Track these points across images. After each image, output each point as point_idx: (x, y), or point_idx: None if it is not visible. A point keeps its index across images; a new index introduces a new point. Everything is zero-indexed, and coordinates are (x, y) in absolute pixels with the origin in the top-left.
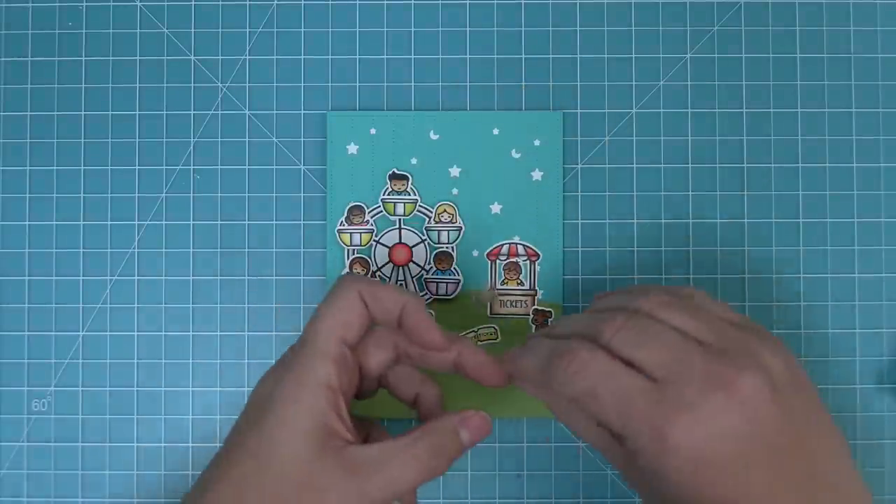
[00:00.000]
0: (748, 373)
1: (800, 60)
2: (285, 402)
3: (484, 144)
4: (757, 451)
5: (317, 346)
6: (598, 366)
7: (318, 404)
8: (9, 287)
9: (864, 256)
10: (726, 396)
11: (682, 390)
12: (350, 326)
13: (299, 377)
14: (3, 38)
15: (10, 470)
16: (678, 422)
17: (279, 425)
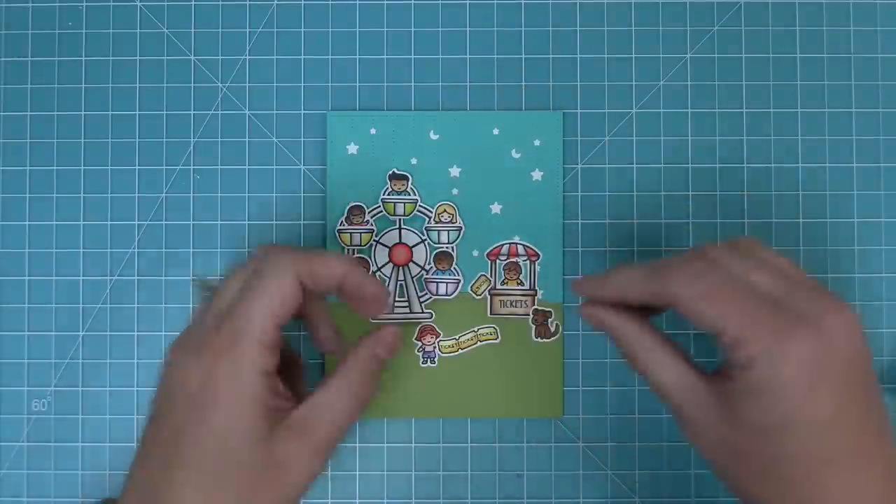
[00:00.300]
0: (851, 311)
1: (800, 60)
2: (227, 397)
3: (484, 144)
4: (856, 383)
5: (253, 335)
6: (719, 271)
7: (259, 392)
8: (9, 287)
9: (864, 256)
10: (843, 321)
11: (800, 307)
12: (285, 307)
13: (237, 370)
14: (3, 38)
15: (10, 470)
16: (800, 331)
17: (227, 419)
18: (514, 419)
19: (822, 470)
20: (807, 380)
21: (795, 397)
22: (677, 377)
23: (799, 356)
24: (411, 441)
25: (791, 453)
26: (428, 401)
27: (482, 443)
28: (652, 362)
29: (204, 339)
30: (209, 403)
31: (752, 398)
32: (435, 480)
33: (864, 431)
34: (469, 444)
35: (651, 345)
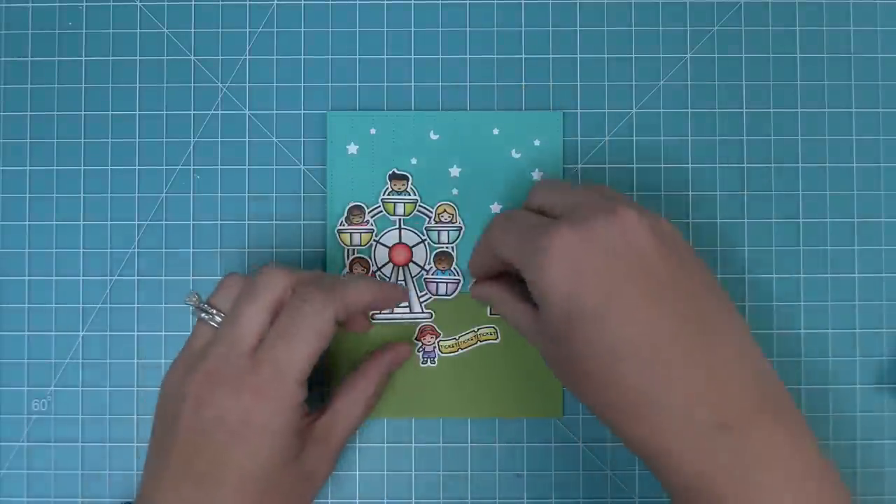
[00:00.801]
0: (632, 209)
1: (800, 60)
2: (268, 429)
3: (484, 144)
4: (634, 271)
5: (294, 377)
6: (515, 214)
7: (295, 420)
8: (9, 287)
9: (864, 256)
10: (607, 218)
11: (571, 216)
12: (323, 348)
13: (278, 408)
14: (3, 38)
15: (10, 470)
16: (558, 232)
17: (268, 448)
18: (514, 419)
19: (609, 360)
20: (565, 277)
21: (562, 297)
22: (525, 320)
23: (553, 258)
24: (411, 441)
25: (583, 350)
26: (428, 401)
27: (482, 443)
28: (509, 314)
29: (242, 378)
30: (251, 436)
31: (541, 311)
32: (435, 480)
33: (656, 323)
34: (469, 444)
35: (505, 297)
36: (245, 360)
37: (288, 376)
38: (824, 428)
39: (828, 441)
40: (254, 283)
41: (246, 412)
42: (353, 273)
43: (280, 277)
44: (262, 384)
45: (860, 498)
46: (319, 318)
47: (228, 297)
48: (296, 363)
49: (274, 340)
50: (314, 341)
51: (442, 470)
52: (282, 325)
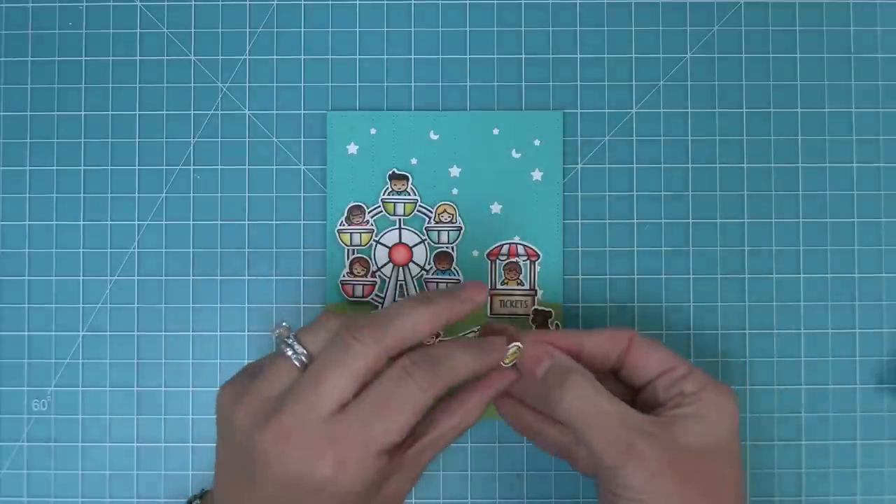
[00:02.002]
0: None
1: (800, 60)
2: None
3: (484, 144)
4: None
5: (382, 449)
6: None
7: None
8: (9, 287)
9: (864, 256)
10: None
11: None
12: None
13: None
14: (3, 38)
15: (10, 470)
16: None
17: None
18: None
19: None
20: (735, 414)
21: (732, 427)
22: (621, 408)
23: (730, 394)
24: None
25: (727, 476)
26: None
27: (482, 443)
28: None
29: (321, 445)
30: (333, 500)
31: (702, 422)
32: (435, 480)
33: None
34: (469, 444)
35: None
36: (325, 426)
37: (376, 449)
38: (824, 428)
39: (828, 441)
40: (346, 348)
41: (323, 481)
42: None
43: (375, 345)
44: (345, 456)
45: (860, 498)
46: (423, 395)
47: (319, 339)
48: (390, 436)
49: (369, 412)
50: (412, 417)
51: (442, 470)
52: (381, 395)
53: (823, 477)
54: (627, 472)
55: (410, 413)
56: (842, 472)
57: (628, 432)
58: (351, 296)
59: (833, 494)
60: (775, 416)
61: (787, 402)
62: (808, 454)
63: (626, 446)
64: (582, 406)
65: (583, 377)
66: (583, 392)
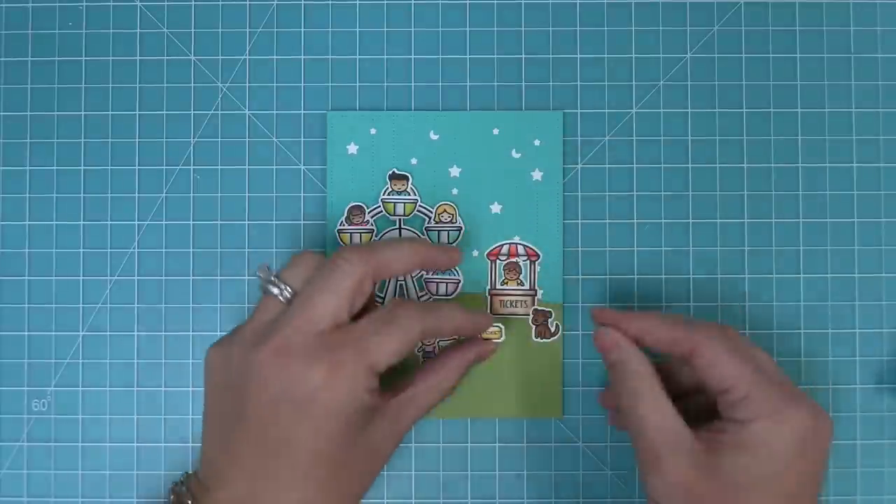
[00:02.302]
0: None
1: (800, 60)
2: (339, 408)
3: (484, 144)
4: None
5: (375, 365)
6: (738, 338)
7: (367, 400)
8: (9, 287)
9: (864, 256)
10: (826, 418)
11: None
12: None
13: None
14: (3, 38)
15: (10, 470)
16: (799, 405)
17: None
18: (514, 419)
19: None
20: (794, 451)
21: (781, 463)
22: (665, 421)
23: (795, 424)
24: (412, 441)
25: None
26: None
27: (482, 443)
28: (646, 398)
29: (318, 353)
30: (318, 414)
31: (742, 453)
32: (435, 480)
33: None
34: (469, 444)
35: (651, 383)
36: (322, 337)
37: (369, 363)
38: None
39: None
40: (332, 270)
41: (314, 389)
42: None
43: (362, 265)
44: (340, 363)
45: (860, 498)
46: (415, 325)
47: (300, 275)
48: (383, 354)
49: (364, 329)
50: (404, 342)
51: (442, 470)
52: (375, 318)
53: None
54: (650, 484)
55: (402, 337)
56: (842, 472)
57: (664, 446)
58: None
59: (833, 494)
60: None
61: None
62: None
63: (654, 457)
64: (629, 405)
65: (636, 376)
66: (630, 393)
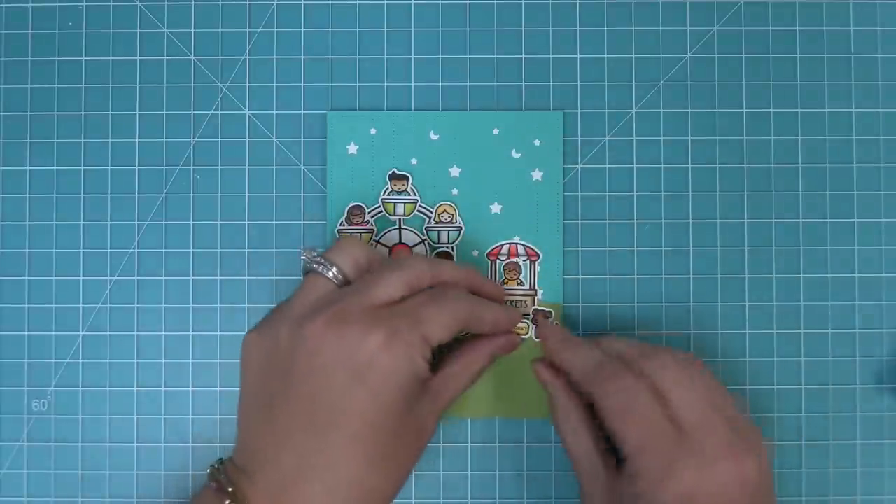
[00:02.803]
0: (754, 459)
1: (800, 60)
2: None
3: (484, 144)
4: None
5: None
6: (640, 394)
7: (419, 369)
8: (9, 287)
9: (863, 256)
10: (736, 468)
11: (703, 444)
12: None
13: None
14: (3, 38)
15: (10, 470)
16: (691, 462)
17: (393, 399)
18: (514, 419)
19: None
20: (685, 490)
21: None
22: (585, 452)
23: (680, 489)
24: None
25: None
26: None
27: (482, 443)
28: (572, 432)
29: (376, 320)
30: (375, 379)
31: (635, 500)
32: (435, 480)
33: None
34: (469, 444)
35: (577, 417)
36: (377, 310)
37: (424, 333)
38: (824, 428)
39: (828, 441)
40: (402, 260)
41: (372, 354)
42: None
43: (428, 268)
44: (397, 330)
45: (861, 498)
46: (463, 306)
47: (347, 258)
48: (436, 325)
49: (420, 299)
50: (456, 321)
51: (442, 470)
52: (427, 296)
53: (823, 477)
54: (581, 495)
55: (454, 313)
56: (842, 472)
57: (584, 474)
58: None
59: (833, 494)
60: (775, 416)
61: (787, 402)
62: (808, 454)
63: (579, 477)
64: (560, 436)
65: (559, 409)
66: (556, 420)
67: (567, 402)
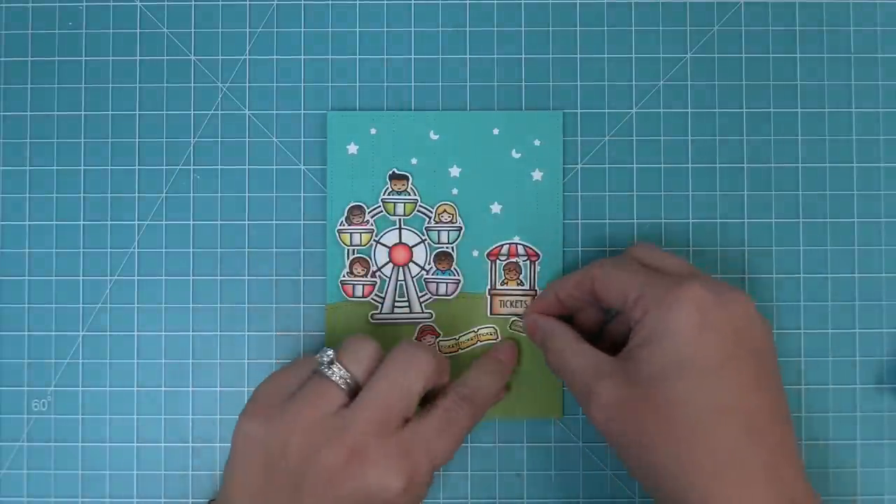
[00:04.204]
0: (751, 300)
1: (800, 60)
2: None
3: (484, 144)
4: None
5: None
6: (629, 258)
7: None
8: (9, 287)
9: (864, 256)
10: (736, 297)
11: (699, 278)
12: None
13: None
14: (3, 38)
15: (10, 470)
16: (692, 285)
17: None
18: (514, 419)
19: (711, 417)
20: (694, 323)
21: (683, 340)
22: (586, 359)
23: (688, 303)
24: None
25: (682, 398)
26: None
27: (482, 443)
28: (567, 350)
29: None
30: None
31: (646, 347)
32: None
33: (754, 398)
34: (469, 444)
35: (568, 337)
36: (396, 441)
37: (434, 464)
38: (824, 428)
39: (828, 441)
40: (408, 368)
41: (395, 496)
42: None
43: (429, 366)
44: (415, 469)
45: (860, 498)
46: (469, 423)
47: (360, 363)
48: (446, 455)
49: (432, 432)
50: (461, 442)
51: (442, 470)
52: (438, 419)
53: (823, 477)
54: (591, 416)
55: (461, 437)
56: (842, 472)
57: (590, 379)
58: (351, 296)
59: (833, 494)
60: None
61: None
62: (808, 454)
63: (586, 391)
64: (557, 364)
65: (555, 338)
66: (555, 352)
67: (557, 327)
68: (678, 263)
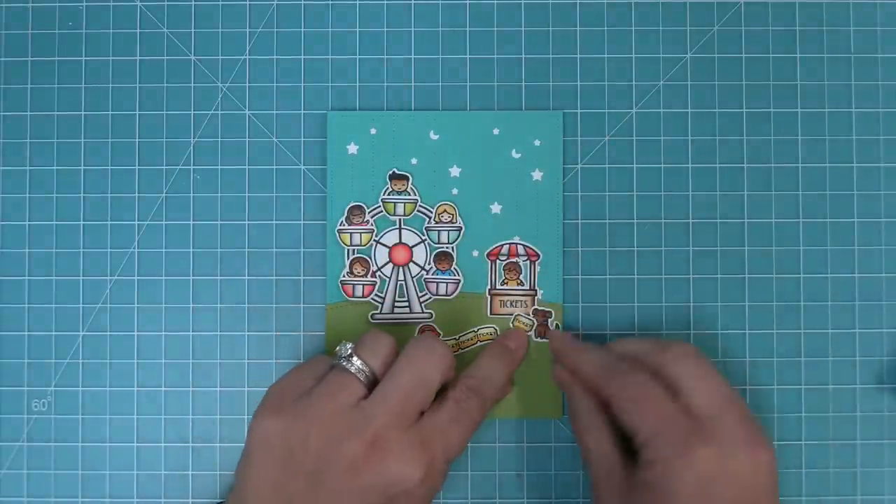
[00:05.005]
0: (767, 450)
1: (800, 60)
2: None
3: (484, 144)
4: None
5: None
6: (653, 385)
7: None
8: (9, 287)
9: (864, 256)
10: (751, 456)
11: (720, 430)
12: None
13: (437, 484)
14: (3, 38)
15: (10, 470)
16: (706, 446)
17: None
18: (514, 419)
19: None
20: (698, 489)
21: (687, 500)
22: (604, 449)
23: (695, 471)
24: None
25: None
26: None
27: (482, 443)
28: (591, 430)
29: (415, 453)
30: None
31: (647, 493)
32: None
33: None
34: (469, 444)
35: (596, 416)
36: (414, 432)
37: (450, 456)
38: (824, 428)
39: (828, 441)
40: (426, 360)
41: (412, 487)
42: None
43: (445, 360)
44: (433, 459)
45: (861, 498)
46: (480, 416)
47: (377, 356)
48: (461, 447)
49: (447, 423)
50: (473, 432)
51: None
52: (452, 412)
53: (823, 477)
54: (594, 497)
55: (473, 429)
56: (842, 472)
57: (602, 473)
58: (351, 296)
59: (833, 494)
60: (775, 416)
61: (787, 402)
62: (808, 454)
63: (594, 477)
64: (577, 430)
65: (580, 410)
66: (577, 419)
67: (586, 402)
68: (708, 394)
